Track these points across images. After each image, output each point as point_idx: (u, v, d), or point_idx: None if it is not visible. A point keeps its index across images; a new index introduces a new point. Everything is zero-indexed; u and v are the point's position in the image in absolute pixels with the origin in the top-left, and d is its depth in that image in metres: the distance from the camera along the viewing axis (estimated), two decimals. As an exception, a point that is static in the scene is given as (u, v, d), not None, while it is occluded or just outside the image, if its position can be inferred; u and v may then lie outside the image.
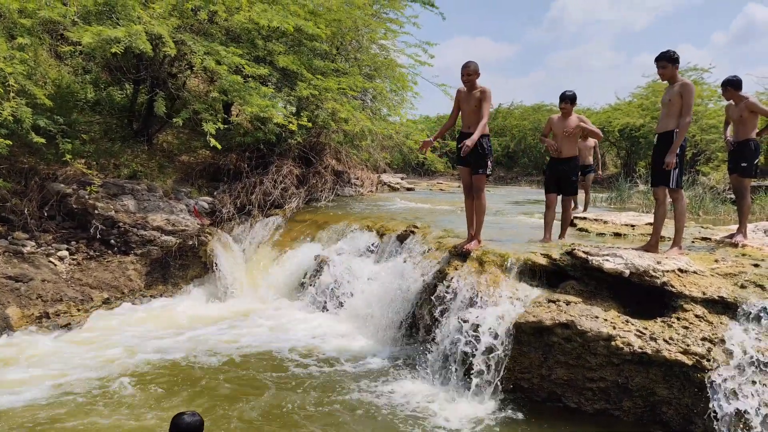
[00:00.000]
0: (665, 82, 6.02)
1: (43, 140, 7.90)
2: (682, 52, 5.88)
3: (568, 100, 6.86)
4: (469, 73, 6.18)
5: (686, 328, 4.93)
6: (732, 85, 6.62)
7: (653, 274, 5.30)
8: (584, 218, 8.79)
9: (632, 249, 6.11)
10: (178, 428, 3.08)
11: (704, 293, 5.16)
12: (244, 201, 10.48)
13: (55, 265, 8.00)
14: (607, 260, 5.49)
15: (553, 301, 5.43)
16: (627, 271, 5.36)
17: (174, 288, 8.85)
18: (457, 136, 6.96)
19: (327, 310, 8.14)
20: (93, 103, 11.58)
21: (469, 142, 5.98)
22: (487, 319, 5.51)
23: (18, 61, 7.82)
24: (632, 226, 7.96)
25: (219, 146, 8.98)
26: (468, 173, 6.49)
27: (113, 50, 7.78)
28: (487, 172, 6.40)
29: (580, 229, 8.23)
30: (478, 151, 6.22)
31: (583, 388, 5.13)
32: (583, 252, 5.72)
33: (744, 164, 6.56)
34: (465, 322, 5.63)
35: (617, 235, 7.59)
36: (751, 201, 6.95)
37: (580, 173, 7.03)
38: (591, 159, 10.24)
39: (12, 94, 7.53)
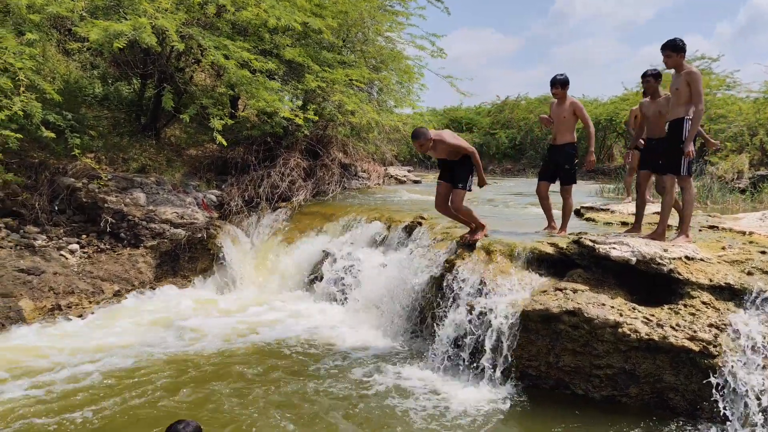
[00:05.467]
0: (671, 70, 6.01)
1: (52, 135, 7.97)
2: (688, 42, 5.87)
3: (558, 84, 6.72)
4: (421, 144, 6.12)
5: (693, 315, 4.96)
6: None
7: (660, 261, 5.32)
8: (590, 208, 8.80)
9: (639, 237, 6.14)
10: None
11: (711, 280, 5.19)
12: (251, 194, 10.54)
13: (66, 258, 8.09)
14: (614, 248, 5.52)
15: (560, 289, 5.46)
16: (634, 259, 5.39)
17: (183, 280, 8.93)
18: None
19: (335, 301, 8.20)
20: (101, 98, 11.66)
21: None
22: (495, 307, 5.55)
23: (27, 56, 7.88)
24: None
25: (225, 143, 9.03)
26: (447, 187, 6.49)
27: (117, 45, 7.82)
28: (468, 188, 6.45)
29: (587, 219, 8.25)
30: (463, 167, 6.37)
31: (591, 375, 5.16)
32: (590, 240, 5.75)
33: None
34: (472, 310, 5.67)
35: (624, 224, 7.58)
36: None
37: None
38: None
39: (22, 89, 7.60)
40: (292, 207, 10.54)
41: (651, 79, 6.67)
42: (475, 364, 5.56)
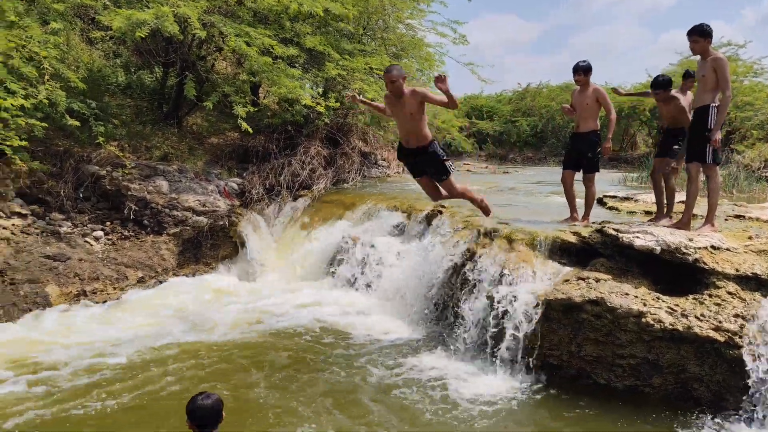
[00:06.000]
0: (697, 57, 5.90)
1: (77, 123, 8.08)
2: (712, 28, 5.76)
3: (580, 71, 6.60)
4: (392, 79, 5.55)
5: (718, 305, 4.89)
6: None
7: (685, 251, 5.25)
8: (614, 197, 8.70)
9: (664, 226, 6.06)
10: (193, 411, 3.10)
11: (737, 270, 5.11)
12: (272, 182, 10.60)
13: (91, 244, 8.21)
14: (637, 237, 5.45)
15: (583, 279, 5.41)
16: (658, 248, 5.32)
17: (206, 267, 9.03)
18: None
19: (355, 289, 8.23)
20: (124, 87, 11.78)
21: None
22: (516, 296, 5.53)
23: (52, 45, 7.98)
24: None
25: (250, 130, 9.08)
26: (430, 181, 6.02)
27: (139, 34, 7.88)
28: (451, 172, 5.88)
29: (610, 208, 8.16)
30: (436, 160, 5.78)
31: (613, 365, 5.12)
32: (614, 229, 5.69)
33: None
34: (493, 299, 5.66)
35: (648, 213, 7.49)
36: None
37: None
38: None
39: (47, 78, 7.69)
40: (313, 195, 10.57)
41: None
42: (495, 353, 5.55)
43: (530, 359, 5.39)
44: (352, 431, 4.43)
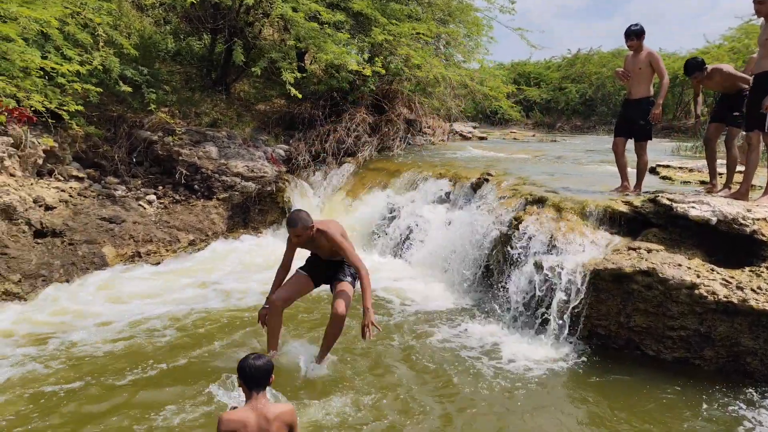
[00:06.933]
0: (761, 20, 5.61)
1: (129, 89, 8.26)
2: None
3: (632, 35, 6.37)
4: (297, 234, 4.54)
5: (777, 278, 4.74)
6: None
7: (742, 222, 5.09)
8: (667, 166, 8.45)
9: (721, 196, 5.88)
10: (242, 369, 3.16)
11: (798, 242, 4.93)
12: (318, 149, 10.66)
13: (144, 208, 8.46)
14: (693, 207, 5.31)
15: (634, 249, 5.32)
16: (714, 219, 5.17)
17: (254, 232, 9.21)
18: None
19: (399, 256, 8.27)
20: (173, 54, 11.94)
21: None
22: (565, 265, 5.47)
23: (105, 11, 8.14)
24: (720, 174, 7.58)
25: (299, 95, 9.12)
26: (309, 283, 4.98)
27: (189, 0, 7.94)
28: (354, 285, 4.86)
29: (664, 177, 7.94)
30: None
31: (663, 336, 5.04)
32: (668, 199, 5.55)
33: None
34: (541, 268, 5.62)
35: (704, 183, 7.26)
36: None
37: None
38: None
39: (101, 44, 7.86)
40: (358, 162, 10.60)
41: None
42: (541, 322, 5.53)
43: (577, 329, 5.36)
44: (396, 394, 4.50)
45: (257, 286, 6.95)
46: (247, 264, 7.92)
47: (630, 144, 6.74)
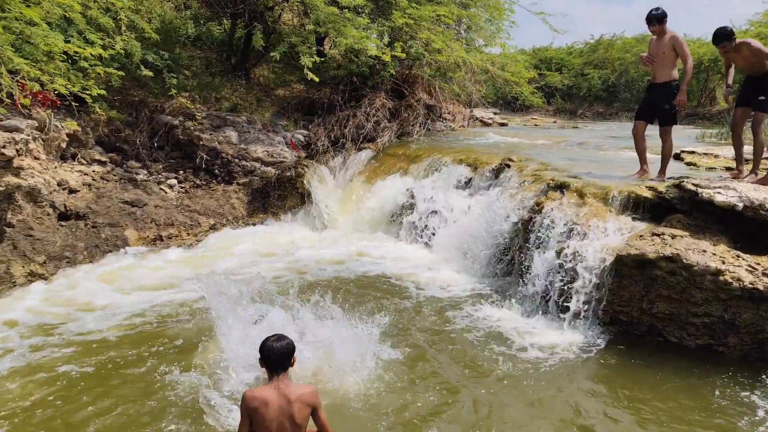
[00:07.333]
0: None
1: (151, 74, 8.30)
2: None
3: (654, 21, 6.28)
4: None
5: (805, 265, 4.65)
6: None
7: (770, 208, 4.99)
8: (692, 152, 8.30)
9: (747, 182, 5.77)
10: (261, 350, 3.17)
11: (828, 229, 4.82)
12: (337, 134, 10.64)
13: (166, 192, 8.52)
14: (719, 193, 5.22)
15: (658, 235, 5.24)
16: (740, 205, 5.08)
17: (273, 217, 9.25)
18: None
19: (419, 242, 8.25)
20: (194, 39, 11.97)
21: None
22: (586, 251, 5.42)
23: (127, -4, 8.17)
24: (747, 160, 7.43)
25: (317, 79, 9.10)
26: None
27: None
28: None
29: (689, 164, 7.81)
30: None
31: (686, 323, 4.98)
32: (693, 184, 5.46)
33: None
34: (562, 253, 5.57)
35: (729, 169, 7.13)
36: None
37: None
38: None
39: (123, 28, 7.90)
40: (377, 148, 10.56)
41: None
42: (562, 307, 5.49)
43: (598, 315, 5.31)
44: (416, 377, 4.50)
45: (283, 268, 6.99)
46: (268, 247, 7.97)
47: (651, 129, 6.63)
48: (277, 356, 3.13)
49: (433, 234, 8.12)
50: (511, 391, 4.37)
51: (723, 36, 6.10)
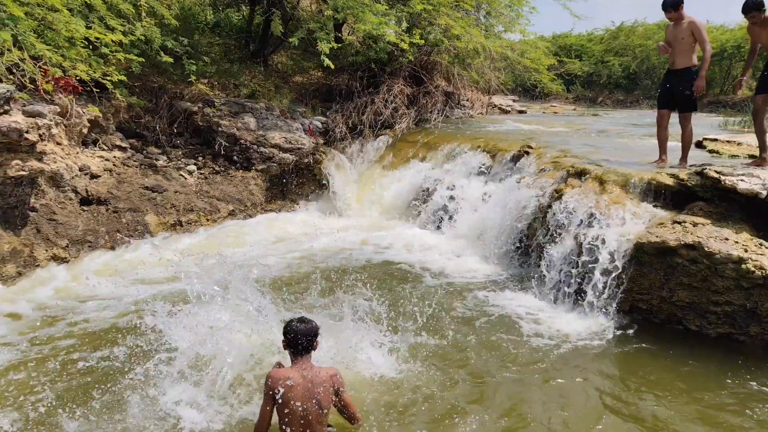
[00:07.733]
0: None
1: (170, 60, 8.34)
2: None
3: (669, 7, 6.18)
4: None
5: (830, 254, 4.58)
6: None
7: (795, 195, 4.91)
8: (714, 139, 8.19)
9: (771, 169, 5.68)
10: (285, 332, 3.21)
11: None
12: (355, 121, 10.63)
13: (185, 178, 8.59)
14: (742, 180, 5.15)
15: (679, 222, 5.19)
16: (764, 192, 5.02)
17: (292, 203, 9.30)
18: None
19: (438, 229, 8.25)
20: (212, 25, 11.99)
21: None
22: (607, 238, 5.38)
23: (147, -18, 8.20)
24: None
25: (332, 66, 9.09)
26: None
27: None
28: None
29: (711, 151, 7.70)
30: None
31: (707, 312, 4.93)
32: (716, 172, 5.39)
33: None
34: (582, 240, 5.53)
35: (752, 157, 7.01)
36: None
37: None
38: None
39: (143, 14, 7.94)
40: (395, 134, 10.54)
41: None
42: (581, 295, 5.47)
43: (617, 302, 5.28)
44: (433, 362, 4.52)
45: (302, 254, 7.02)
46: (287, 234, 8.02)
47: (674, 117, 6.54)
48: (302, 337, 3.17)
49: (452, 220, 8.11)
50: (533, 376, 4.38)
51: (753, 5, 5.89)
